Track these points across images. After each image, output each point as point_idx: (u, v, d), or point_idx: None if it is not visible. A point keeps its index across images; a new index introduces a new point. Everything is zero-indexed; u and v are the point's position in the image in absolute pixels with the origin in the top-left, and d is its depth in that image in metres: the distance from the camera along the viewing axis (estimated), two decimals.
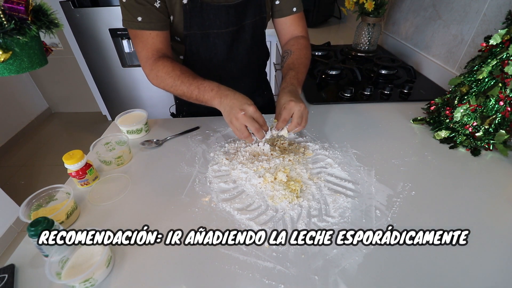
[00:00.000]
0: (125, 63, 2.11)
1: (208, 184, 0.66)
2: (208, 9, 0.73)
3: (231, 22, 0.78)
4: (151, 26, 0.71)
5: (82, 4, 1.86)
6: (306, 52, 0.83)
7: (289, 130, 0.67)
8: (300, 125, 0.66)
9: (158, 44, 0.73)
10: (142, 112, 0.86)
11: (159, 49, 0.74)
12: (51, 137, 2.57)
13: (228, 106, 0.63)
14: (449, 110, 0.77)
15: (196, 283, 0.46)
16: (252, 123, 0.62)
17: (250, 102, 0.63)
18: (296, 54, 0.82)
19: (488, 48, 0.69)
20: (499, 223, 0.55)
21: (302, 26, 0.88)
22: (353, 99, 0.99)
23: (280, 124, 0.66)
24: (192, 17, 0.74)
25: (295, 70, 0.77)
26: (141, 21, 0.69)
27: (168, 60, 0.73)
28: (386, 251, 0.50)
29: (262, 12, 0.82)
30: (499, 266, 0.48)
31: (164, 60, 0.72)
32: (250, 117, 0.62)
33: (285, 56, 0.84)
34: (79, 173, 0.63)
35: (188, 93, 0.69)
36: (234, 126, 0.63)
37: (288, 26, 0.87)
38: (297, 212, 0.58)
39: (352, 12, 1.42)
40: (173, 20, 0.75)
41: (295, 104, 0.65)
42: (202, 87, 0.67)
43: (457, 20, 1.00)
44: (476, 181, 0.65)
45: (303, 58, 0.82)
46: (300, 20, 0.87)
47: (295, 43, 0.85)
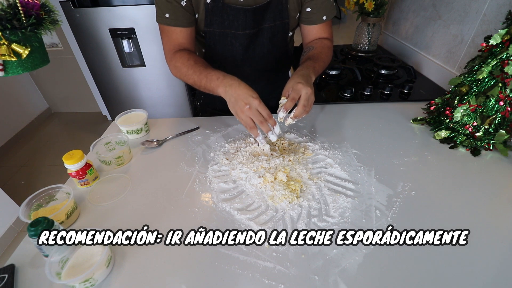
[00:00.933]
0: (125, 63, 2.11)
1: (208, 184, 0.66)
2: (228, 10, 0.76)
3: (248, 25, 0.79)
4: (177, 22, 0.76)
5: (82, 4, 1.85)
6: (327, 51, 0.83)
7: (296, 114, 0.66)
8: (305, 108, 0.65)
9: (181, 39, 0.79)
10: (142, 112, 0.86)
11: (181, 43, 0.79)
12: (51, 137, 2.57)
13: (233, 97, 0.64)
14: (449, 110, 0.77)
15: (196, 283, 0.46)
16: (257, 116, 0.63)
17: (255, 95, 0.63)
18: (317, 50, 0.82)
19: (488, 48, 0.69)
20: (499, 223, 0.55)
21: (328, 32, 0.88)
22: (353, 99, 0.99)
23: (289, 103, 0.66)
24: (213, 16, 0.77)
25: (313, 60, 0.77)
26: (168, 17, 0.75)
27: (186, 52, 0.78)
28: (386, 251, 0.50)
29: (284, 18, 0.82)
30: (499, 266, 0.48)
31: (182, 52, 0.77)
32: (255, 109, 0.63)
33: (307, 51, 0.84)
34: (79, 173, 0.63)
35: (198, 82, 0.72)
36: (240, 118, 0.65)
37: (315, 33, 0.87)
38: (297, 212, 0.58)
39: (352, 12, 1.42)
40: (198, 17, 0.79)
41: (303, 86, 0.65)
42: (210, 76, 0.69)
43: (457, 20, 1.00)
44: (476, 181, 0.65)
45: (324, 55, 0.81)
46: (328, 27, 0.87)
47: (319, 42, 0.85)
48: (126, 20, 1.89)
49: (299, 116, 0.66)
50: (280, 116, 0.67)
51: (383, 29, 1.53)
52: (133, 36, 1.95)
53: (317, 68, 0.76)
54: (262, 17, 0.80)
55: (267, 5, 0.78)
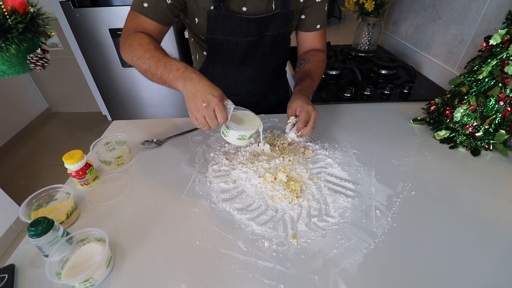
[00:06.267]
0: (125, 63, 2.11)
1: (208, 184, 0.66)
2: (231, 19, 0.75)
3: (251, 33, 0.79)
4: (153, 16, 0.70)
5: (82, 4, 1.85)
6: (322, 66, 0.87)
7: (303, 134, 0.71)
8: (313, 130, 0.71)
9: (150, 30, 0.71)
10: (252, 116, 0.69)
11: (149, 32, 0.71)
12: (51, 137, 2.57)
13: (190, 92, 0.58)
14: (449, 110, 0.77)
15: (196, 283, 0.46)
16: (211, 119, 0.57)
17: (216, 93, 0.57)
18: (314, 64, 0.85)
19: (488, 48, 0.69)
20: (499, 223, 0.55)
21: (322, 42, 0.90)
22: (353, 99, 0.99)
23: (301, 124, 0.70)
24: (215, 24, 0.76)
25: (312, 78, 0.81)
26: (146, 7, 0.69)
27: (149, 36, 0.68)
28: (386, 251, 0.50)
29: (287, 26, 0.83)
30: (499, 266, 0.48)
31: (144, 34, 0.68)
32: (212, 110, 0.57)
33: (303, 63, 0.86)
34: (79, 173, 0.63)
35: (153, 69, 0.62)
36: (193, 115, 0.59)
37: (309, 41, 0.89)
38: (297, 212, 0.58)
39: (352, 12, 1.42)
40: (198, 22, 0.77)
41: (313, 109, 0.70)
42: (169, 65, 0.61)
43: (457, 20, 1.00)
44: (476, 181, 0.65)
45: (319, 70, 0.85)
46: (322, 36, 0.89)
47: (314, 54, 0.88)
48: None
49: (305, 136, 0.71)
50: (291, 136, 0.73)
51: (383, 29, 1.53)
52: None
53: (314, 87, 0.81)
54: (266, 26, 0.80)
55: (272, 16, 0.78)
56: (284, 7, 0.77)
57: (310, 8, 0.82)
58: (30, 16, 0.48)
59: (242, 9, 0.75)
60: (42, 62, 0.52)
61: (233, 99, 0.97)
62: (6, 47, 0.47)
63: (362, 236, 0.52)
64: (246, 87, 0.95)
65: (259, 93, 0.99)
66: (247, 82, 0.93)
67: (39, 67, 0.52)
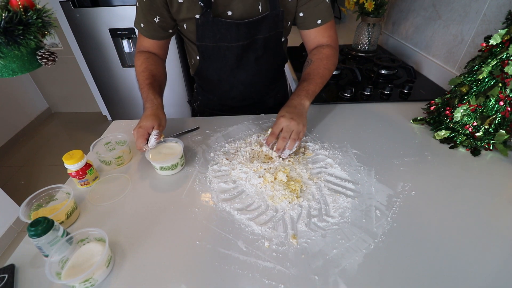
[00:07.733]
0: (125, 63, 2.11)
1: (208, 184, 0.66)
2: (219, 24, 0.74)
3: (241, 37, 0.78)
4: (148, 34, 0.81)
5: (82, 4, 1.86)
6: (326, 63, 0.82)
7: (278, 147, 0.68)
8: (285, 140, 0.67)
9: (150, 48, 0.85)
10: (176, 143, 0.72)
11: (149, 50, 0.85)
12: (51, 137, 2.57)
13: None
14: (449, 110, 0.77)
15: (196, 283, 0.46)
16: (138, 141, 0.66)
17: (142, 124, 0.67)
18: (315, 64, 0.82)
19: (488, 48, 0.69)
20: (499, 223, 0.55)
21: (328, 36, 0.85)
22: (353, 99, 0.99)
23: (270, 138, 0.69)
24: (204, 31, 0.76)
25: (308, 81, 0.78)
26: (142, 27, 0.80)
27: (144, 55, 0.83)
28: (386, 251, 0.50)
29: (278, 27, 0.81)
30: (499, 266, 0.48)
31: (143, 54, 0.83)
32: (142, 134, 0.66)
33: (306, 65, 0.85)
34: (79, 173, 0.63)
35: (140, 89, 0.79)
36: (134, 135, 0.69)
37: (313, 38, 0.86)
38: (297, 212, 0.58)
39: (352, 12, 1.42)
40: (187, 27, 0.79)
41: (284, 120, 0.68)
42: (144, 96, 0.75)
43: (457, 20, 1.00)
44: (476, 181, 0.65)
45: (321, 69, 0.81)
46: (326, 30, 0.84)
47: (317, 52, 0.84)
48: (126, 20, 1.89)
49: (280, 148, 0.68)
50: (264, 149, 0.71)
51: (383, 29, 1.53)
52: (133, 36, 1.96)
53: (312, 88, 0.77)
54: (256, 29, 0.78)
55: (261, 19, 0.76)
56: (274, 8, 0.76)
57: (307, 4, 0.80)
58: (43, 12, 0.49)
59: (228, 14, 0.75)
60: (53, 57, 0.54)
61: (229, 103, 0.99)
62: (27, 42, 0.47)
63: (362, 236, 0.52)
64: (241, 90, 0.94)
65: (255, 96, 0.98)
66: (242, 86, 0.92)
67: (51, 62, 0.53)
